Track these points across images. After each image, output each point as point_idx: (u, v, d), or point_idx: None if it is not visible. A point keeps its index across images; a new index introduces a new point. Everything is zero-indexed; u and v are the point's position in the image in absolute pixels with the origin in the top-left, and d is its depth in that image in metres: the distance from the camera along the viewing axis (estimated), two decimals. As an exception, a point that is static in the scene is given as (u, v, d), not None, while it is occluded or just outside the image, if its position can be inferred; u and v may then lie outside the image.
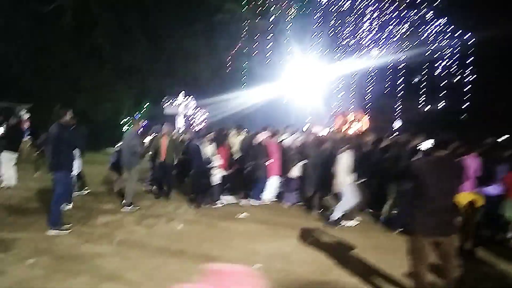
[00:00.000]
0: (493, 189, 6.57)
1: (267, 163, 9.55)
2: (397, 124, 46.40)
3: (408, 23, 55.90)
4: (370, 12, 57.96)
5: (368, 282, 5.23)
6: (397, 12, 56.94)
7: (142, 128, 12.33)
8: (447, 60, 54.13)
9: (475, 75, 44.61)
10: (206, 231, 7.54)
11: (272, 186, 9.75)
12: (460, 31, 48.49)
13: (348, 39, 56.41)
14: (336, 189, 7.92)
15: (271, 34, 34.36)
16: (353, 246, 6.63)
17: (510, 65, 31.74)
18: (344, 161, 7.68)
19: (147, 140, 11.09)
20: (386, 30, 57.69)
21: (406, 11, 55.60)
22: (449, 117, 41.95)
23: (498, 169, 6.68)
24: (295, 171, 9.53)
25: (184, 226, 7.79)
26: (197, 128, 19.85)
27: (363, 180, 8.18)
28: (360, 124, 27.91)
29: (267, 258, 5.99)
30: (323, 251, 6.34)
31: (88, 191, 10.11)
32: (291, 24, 37.10)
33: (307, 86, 29.05)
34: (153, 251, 6.24)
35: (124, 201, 8.88)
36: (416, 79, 55.07)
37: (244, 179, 9.99)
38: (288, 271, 5.50)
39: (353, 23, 57.94)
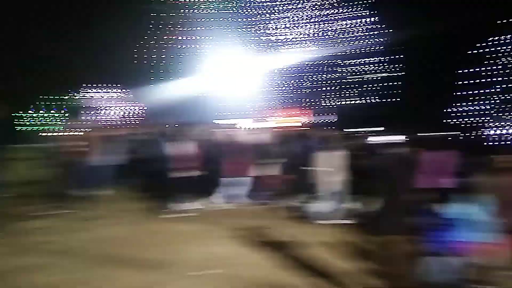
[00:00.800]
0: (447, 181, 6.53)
1: (229, 163, 8.87)
2: (330, 118, 47.93)
3: (341, 19, 58.15)
4: (301, 7, 59.37)
5: (318, 279, 4.91)
6: (330, 8, 58.93)
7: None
8: (377, 56, 57.10)
9: (403, 72, 47.36)
10: (156, 235, 6.79)
11: (231, 187, 9.12)
12: (389, 29, 51.23)
13: (278, 34, 57.32)
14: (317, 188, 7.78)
15: (195, 28, 33.81)
16: (305, 243, 6.24)
17: (436, 62, 33.96)
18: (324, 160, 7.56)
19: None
20: (316, 26, 59.47)
21: (338, 7, 57.68)
22: (379, 111, 44.04)
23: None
24: (261, 170, 9.05)
25: (130, 230, 6.91)
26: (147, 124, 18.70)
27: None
28: (300, 119, 28.25)
29: (224, 261, 5.46)
30: (276, 251, 5.88)
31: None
32: (216, 18, 36.63)
33: (237, 81, 28.73)
34: (96, 260, 5.38)
35: (59, 203, 7.78)
36: (347, 75, 57.47)
37: (206, 180, 9.16)
38: (242, 275, 5.03)
39: (284, 18, 58.99)
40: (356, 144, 8.67)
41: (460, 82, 37.83)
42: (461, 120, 39.24)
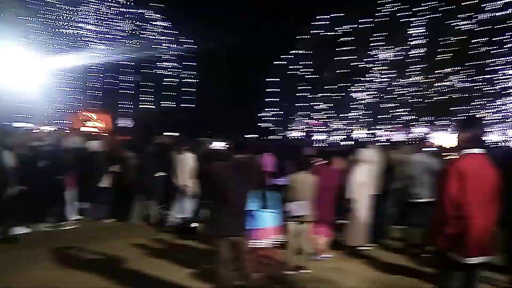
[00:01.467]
0: (281, 181, 7.50)
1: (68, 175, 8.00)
2: (125, 123, 46.47)
3: (133, 22, 56.90)
4: (93, 8, 55.70)
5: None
6: (122, 10, 56.98)
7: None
8: (172, 62, 58.25)
9: (198, 79, 49.58)
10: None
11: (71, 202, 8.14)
12: (184, 36, 52.97)
13: (69, 35, 52.45)
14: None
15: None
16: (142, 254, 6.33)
17: (229, 73, 36.83)
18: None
19: None
20: (111, 28, 56.81)
21: (131, 10, 56.25)
22: (175, 116, 44.95)
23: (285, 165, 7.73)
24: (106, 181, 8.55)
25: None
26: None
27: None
28: (101, 123, 26.57)
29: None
30: (110, 268, 5.77)
31: None
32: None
33: (27, 82, 25.27)
34: None
35: None
36: (143, 78, 56.76)
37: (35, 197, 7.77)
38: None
39: (75, 19, 54.27)
40: (200, 150, 8.87)
41: (268, 90, 42.02)
42: (268, 124, 43.59)
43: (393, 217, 7.71)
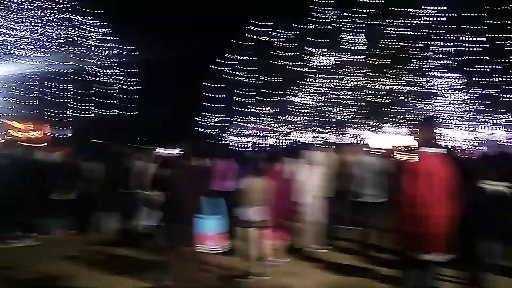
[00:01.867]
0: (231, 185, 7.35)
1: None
2: (64, 132, 44.42)
3: (72, 29, 54.44)
4: (26, 12, 52.59)
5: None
6: (59, 16, 54.34)
7: None
8: (113, 69, 56.24)
9: (140, 87, 48.25)
10: None
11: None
12: (125, 43, 51.40)
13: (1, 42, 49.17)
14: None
15: None
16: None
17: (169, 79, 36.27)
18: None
19: None
20: (47, 35, 53.93)
21: (69, 16, 53.85)
22: (118, 124, 43.63)
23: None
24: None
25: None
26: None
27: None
28: (37, 132, 25.05)
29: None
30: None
31: None
32: None
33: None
34: None
35: None
36: (82, 86, 54.33)
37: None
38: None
39: (9, 25, 50.90)
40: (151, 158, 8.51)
41: (206, 95, 41.57)
42: (209, 130, 43.18)
43: (345, 219, 7.82)
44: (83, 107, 53.49)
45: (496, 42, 17.04)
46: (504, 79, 18.59)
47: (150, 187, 6.93)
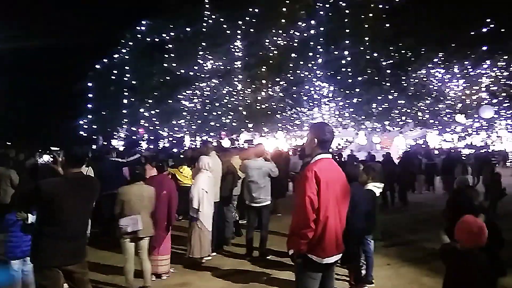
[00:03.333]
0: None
1: None
2: None
3: None
4: None
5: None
6: None
7: None
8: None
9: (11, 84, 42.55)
10: None
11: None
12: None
13: None
14: None
15: None
16: None
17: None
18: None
19: None
20: None
21: None
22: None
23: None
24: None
25: None
26: None
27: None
28: None
29: None
30: None
31: None
32: None
33: None
34: None
35: None
36: None
37: None
38: None
39: None
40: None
41: (87, 96, 38.07)
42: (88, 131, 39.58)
43: (234, 223, 7.79)
44: None
45: (355, 54, 19.18)
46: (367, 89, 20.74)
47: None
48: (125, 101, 36.52)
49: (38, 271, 3.56)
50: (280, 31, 23.48)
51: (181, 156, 13.29)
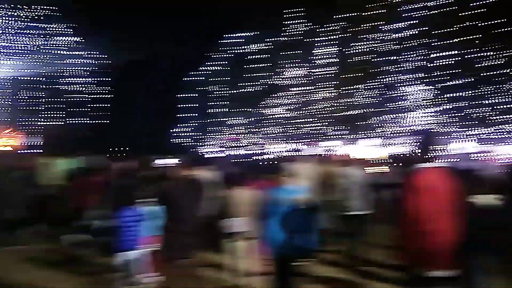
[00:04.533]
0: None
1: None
2: (34, 140, 43.41)
3: (43, 37, 53.01)
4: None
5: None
6: (30, 25, 52.85)
7: None
8: (85, 77, 54.96)
9: (113, 95, 47.34)
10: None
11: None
12: (97, 52, 50.43)
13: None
14: None
15: None
16: None
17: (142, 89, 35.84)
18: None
19: None
20: (18, 43, 52.28)
21: (40, 24, 52.51)
22: (85, 133, 42.98)
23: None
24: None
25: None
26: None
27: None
28: (12, 140, 24.09)
29: None
30: None
31: None
32: None
33: None
34: None
35: None
36: (51, 94, 52.86)
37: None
38: None
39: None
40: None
41: (180, 106, 41.08)
42: (182, 140, 42.53)
43: (330, 231, 7.76)
44: (54, 115, 52.00)
45: (466, 57, 17.67)
46: (474, 92, 19.04)
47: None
48: (217, 110, 38.46)
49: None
50: (373, 35, 23.01)
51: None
